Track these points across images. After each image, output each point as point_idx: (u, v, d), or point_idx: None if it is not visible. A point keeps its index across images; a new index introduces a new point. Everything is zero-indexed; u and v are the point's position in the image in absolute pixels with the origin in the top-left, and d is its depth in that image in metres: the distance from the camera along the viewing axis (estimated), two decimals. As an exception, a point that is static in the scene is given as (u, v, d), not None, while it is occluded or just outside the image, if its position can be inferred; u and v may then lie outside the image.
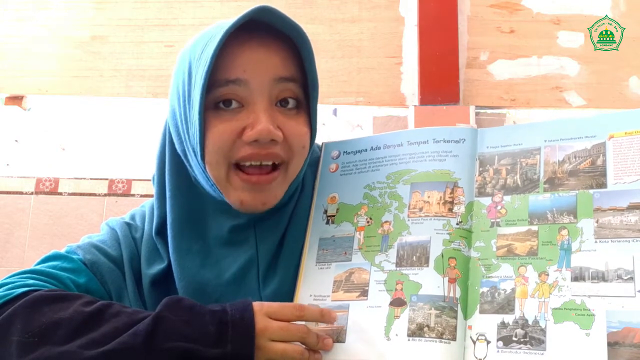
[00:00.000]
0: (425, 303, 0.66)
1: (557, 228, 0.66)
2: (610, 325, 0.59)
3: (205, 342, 0.61)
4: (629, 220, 0.63)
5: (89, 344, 0.60)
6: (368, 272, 0.71)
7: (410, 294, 0.67)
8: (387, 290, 0.69)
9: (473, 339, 0.64)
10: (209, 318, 0.63)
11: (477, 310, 0.66)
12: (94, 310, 0.64)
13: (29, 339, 0.61)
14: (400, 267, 0.70)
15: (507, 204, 0.70)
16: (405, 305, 0.67)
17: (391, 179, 0.77)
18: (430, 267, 0.68)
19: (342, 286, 0.72)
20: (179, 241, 0.75)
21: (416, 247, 0.70)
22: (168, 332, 0.61)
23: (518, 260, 0.66)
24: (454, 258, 0.68)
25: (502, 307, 0.65)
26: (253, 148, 0.70)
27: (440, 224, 0.71)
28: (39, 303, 0.64)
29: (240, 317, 0.63)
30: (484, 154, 0.75)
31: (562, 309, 0.62)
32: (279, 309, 0.66)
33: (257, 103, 0.70)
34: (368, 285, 0.70)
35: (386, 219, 0.74)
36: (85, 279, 0.73)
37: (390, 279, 0.69)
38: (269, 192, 0.72)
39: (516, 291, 0.65)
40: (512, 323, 0.63)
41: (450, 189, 0.73)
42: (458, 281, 0.67)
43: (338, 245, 0.75)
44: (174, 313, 0.63)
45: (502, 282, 0.66)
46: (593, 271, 0.62)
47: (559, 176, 0.69)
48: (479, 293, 0.66)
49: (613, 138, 0.68)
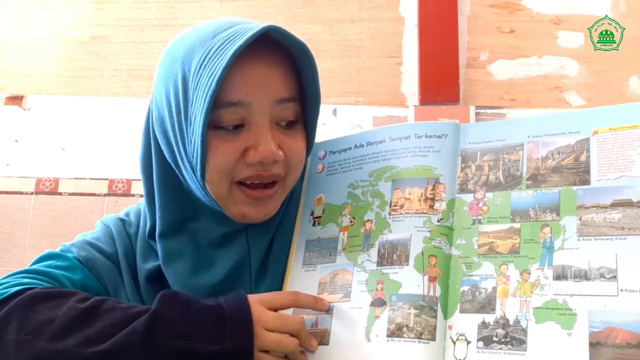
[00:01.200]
0: (404, 302, 0.65)
1: (539, 226, 0.64)
2: (592, 325, 0.57)
3: (204, 339, 0.61)
4: (612, 218, 0.61)
5: (84, 342, 0.60)
6: (351, 273, 0.70)
7: (390, 293, 0.66)
8: (368, 291, 0.67)
9: (453, 339, 0.63)
10: (206, 314, 0.63)
11: (457, 310, 0.64)
12: (88, 306, 0.63)
13: (25, 336, 0.61)
14: (381, 267, 0.68)
15: (489, 200, 0.68)
16: (385, 305, 0.66)
17: (373, 176, 0.75)
18: (410, 265, 0.67)
19: (326, 288, 0.70)
20: (170, 245, 0.74)
21: (396, 245, 0.69)
22: (166, 331, 0.60)
23: (500, 259, 0.65)
24: (434, 256, 0.67)
25: (482, 307, 0.63)
26: (256, 169, 0.69)
27: (420, 221, 0.69)
28: (34, 301, 0.64)
29: (237, 310, 0.63)
30: (466, 149, 0.73)
31: (543, 308, 0.60)
32: (274, 296, 0.67)
33: (259, 123, 0.69)
34: (351, 286, 0.69)
35: (368, 218, 0.73)
36: (80, 276, 0.73)
37: (372, 279, 0.68)
38: (270, 204, 0.73)
39: (497, 290, 0.63)
40: (492, 323, 0.62)
41: (432, 185, 0.71)
42: (438, 280, 0.66)
43: (323, 247, 0.74)
44: (170, 309, 0.62)
45: (483, 280, 0.64)
46: (575, 270, 0.61)
47: (541, 172, 0.67)
48: (459, 292, 0.65)
49: (597, 134, 0.66)
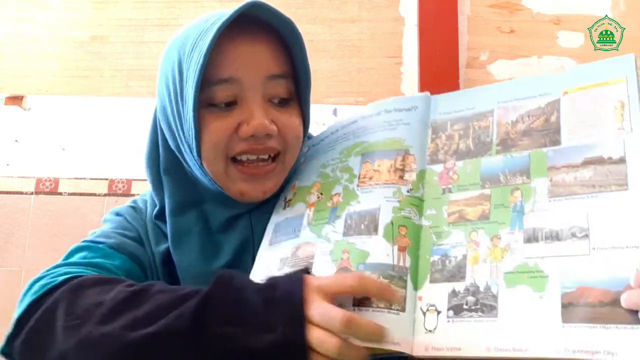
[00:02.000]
0: (373, 272, 0.62)
1: (509, 190, 0.63)
2: (564, 286, 0.55)
3: (254, 325, 0.55)
4: (584, 176, 0.59)
5: (131, 325, 0.56)
6: (314, 245, 0.67)
7: (357, 262, 0.63)
8: (332, 261, 0.64)
9: (423, 310, 0.60)
10: (260, 296, 0.56)
11: (427, 280, 0.62)
12: (136, 289, 0.61)
13: (72, 321, 0.59)
14: (347, 237, 0.66)
15: (459, 169, 0.67)
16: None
17: (343, 154, 0.75)
18: (379, 235, 0.64)
19: (287, 262, 0.68)
20: (179, 222, 0.75)
21: (364, 215, 0.66)
22: (215, 315, 0.56)
23: (470, 226, 0.63)
24: (404, 226, 0.65)
25: (452, 275, 0.61)
26: (249, 143, 0.70)
27: (390, 192, 0.67)
28: (82, 287, 0.62)
29: (288, 296, 0.56)
30: (436, 120, 0.72)
31: (514, 272, 0.58)
32: (334, 281, 0.58)
33: (250, 99, 0.70)
34: (313, 257, 0.66)
35: (336, 192, 0.71)
36: (120, 261, 0.72)
37: (337, 249, 0.65)
38: (268, 181, 0.73)
39: (467, 257, 0.61)
40: (462, 291, 0.60)
41: (402, 156, 0.70)
42: (408, 250, 0.63)
43: (289, 225, 0.72)
44: (224, 292, 0.57)
45: (452, 249, 0.62)
46: (547, 231, 0.58)
47: (511, 137, 0.66)
48: (429, 262, 0.63)
49: (567, 94, 0.65)
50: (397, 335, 0.58)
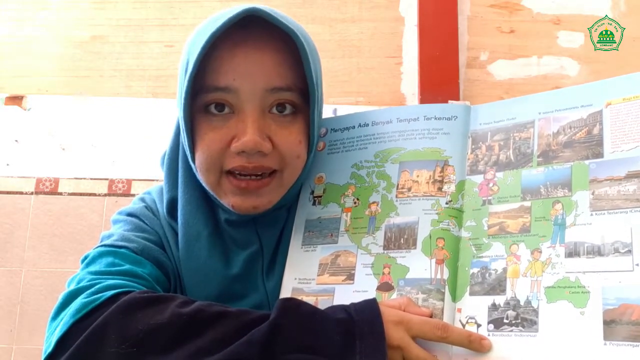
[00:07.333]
0: (412, 287, 0.64)
1: (550, 202, 0.62)
2: (606, 303, 0.55)
3: (331, 354, 0.55)
4: (627, 190, 0.59)
5: (197, 353, 0.55)
6: (355, 255, 0.69)
7: (397, 278, 0.65)
8: (374, 274, 0.66)
9: (462, 322, 0.61)
10: (332, 325, 0.57)
11: (466, 292, 0.62)
12: (192, 311, 0.58)
13: (127, 349, 0.56)
14: (387, 250, 0.67)
15: (499, 180, 0.67)
16: (392, 290, 0.64)
17: (379, 157, 0.74)
18: (417, 249, 0.66)
19: (327, 269, 0.69)
20: (190, 224, 0.73)
21: (404, 228, 0.68)
22: (287, 343, 0.55)
23: (510, 238, 0.63)
24: (442, 238, 0.65)
25: (492, 288, 0.61)
26: (241, 159, 0.67)
27: (428, 204, 0.68)
28: (131, 308, 0.59)
29: (370, 327, 0.57)
30: (476, 130, 0.71)
31: (555, 287, 0.58)
32: (418, 324, 0.59)
33: (247, 111, 0.67)
34: (355, 268, 0.68)
35: (374, 200, 0.71)
36: (149, 268, 0.69)
37: (378, 263, 0.67)
38: (260, 197, 0.70)
39: (508, 271, 0.61)
40: (503, 304, 0.60)
41: (441, 167, 0.70)
42: (446, 262, 0.64)
43: (324, 227, 0.72)
44: (292, 318, 0.57)
45: (493, 261, 0.63)
46: (588, 246, 0.58)
47: (553, 148, 0.66)
48: (469, 274, 0.63)
49: (610, 105, 0.64)
50: (435, 346, 0.59)
